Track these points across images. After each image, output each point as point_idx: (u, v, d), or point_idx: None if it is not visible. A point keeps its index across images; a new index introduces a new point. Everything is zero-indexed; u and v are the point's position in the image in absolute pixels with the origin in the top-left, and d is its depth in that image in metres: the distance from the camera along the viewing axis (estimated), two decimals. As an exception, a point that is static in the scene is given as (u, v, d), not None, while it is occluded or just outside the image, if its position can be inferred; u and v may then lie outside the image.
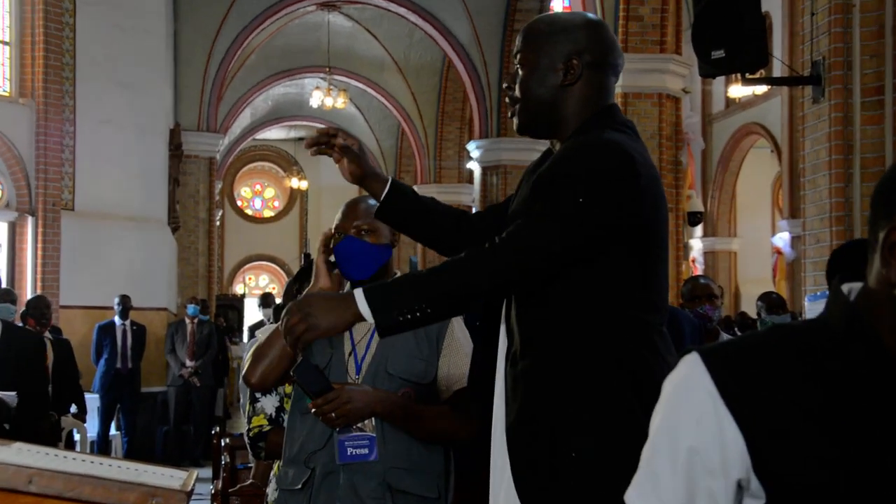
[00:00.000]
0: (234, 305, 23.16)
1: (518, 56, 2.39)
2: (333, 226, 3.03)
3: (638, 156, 2.20)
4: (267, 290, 31.87)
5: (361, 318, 2.18)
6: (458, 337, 3.00)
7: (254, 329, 12.30)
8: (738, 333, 6.27)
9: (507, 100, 2.44)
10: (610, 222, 2.16)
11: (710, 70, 6.96)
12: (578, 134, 2.30)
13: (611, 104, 2.38)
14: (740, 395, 1.27)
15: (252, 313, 25.30)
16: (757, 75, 9.19)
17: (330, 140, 2.60)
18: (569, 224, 2.14)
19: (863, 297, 1.31)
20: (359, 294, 2.18)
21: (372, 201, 3.11)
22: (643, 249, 2.23)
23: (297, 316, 2.21)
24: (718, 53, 6.75)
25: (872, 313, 1.28)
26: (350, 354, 2.96)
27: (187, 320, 12.44)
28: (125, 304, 11.63)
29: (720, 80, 18.33)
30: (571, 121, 2.34)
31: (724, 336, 5.74)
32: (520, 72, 2.37)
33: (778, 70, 16.83)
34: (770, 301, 6.95)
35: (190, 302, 12.55)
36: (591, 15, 2.45)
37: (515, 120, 2.41)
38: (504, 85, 2.44)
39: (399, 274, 3.10)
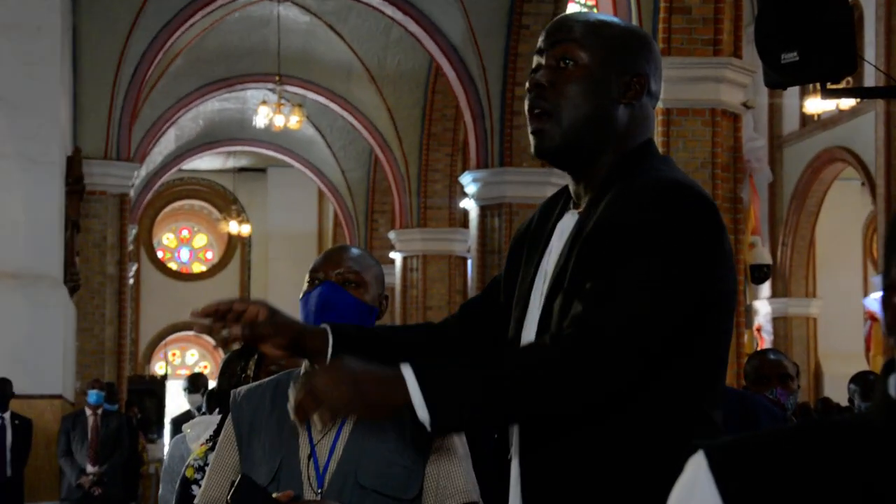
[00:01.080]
0: (153, 390, 23.02)
1: (561, 49, 2.38)
2: (309, 271, 3.03)
3: (714, 203, 2.29)
4: (196, 370, 31.73)
5: (400, 411, 2.21)
6: (451, 437, 2.97)
7: (178, 422, 12.17)
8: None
9: (531, 106, 2.40)
10: (706, 292, 2.23)
11: (779, 78, 6.98)
12: (622, 169, 2.34)
13: (649, 139, 2.44)
14: None
15: (176, 400, 25.14)
16: (842, 85, 9.22)
17: (223, 316, 2.39)
18: (663, 297, 2.18)
19: None
20: (409, 374, 2.17)
21: (367, 256, 3.13)
22: (721, 325, 2.30)
23: (340, 388, 2.18)
24: (790, 56, 6.77)
25: None
26: (309, 459, 2.94)
27: (88, 411, 12.34)
28: (4, 392, 11.52)
29: (793, 91, 18.44)
30: (612, 150, 2.38)
31: None
32: (562, 72, 2.38)
33: (871, 78, 16.97)
34: (867, 384, 6.94)
35: (92, 387, 12.47)
36: (642, 30, 2.59)
37: (536, 139, 2.39)
38: (532, 84, 2.40)
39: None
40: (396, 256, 21.37)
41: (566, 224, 2.39)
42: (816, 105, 18.39)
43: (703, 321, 2.23)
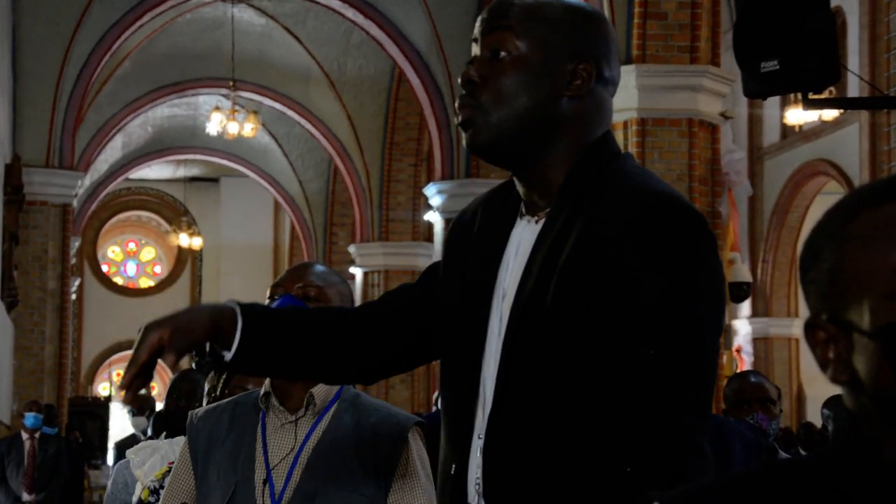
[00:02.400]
0: (96, 413, 22.91)
1: (494, 38, 2.25)
2: (270, 286, 3.06)
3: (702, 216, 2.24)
4: (142, 392, 31.60)
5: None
6: (414, 465, 2.98)
7: (123, 447, 12.10)
8: (802, 453, 6.26)
9: (460, 104, 2.28)
10: (720, 320, 2.20)
11: (759, 88, 7.02)
12: (587, 174, 2.23)
13: (605, 133, 2.31)
14: None
15: (121, 424, 24.99)
16: (824, 95, 9.28)
17: (144, 373, 2.26)
18: (694, 351, 2.13)
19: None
20: None
21: (328, 271, 3.14)
22: (717, 335, 2.25)
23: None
24: (771, 65, 6.81)
25: (865, 430, 1.35)
26: (265, 484, 2.95)
27: (25, 435, 12.27)
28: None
29: (773, 101, 18.55)
30: (564, 149, 2.25)
31: (783, 456, 5.71)
32: (495, 63, 2.24)
33: (854, 87, 17.08)
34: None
35: (29, 409, 12.39)
36: (591, 6, 2.38)
37: (470, 133, 2.26)
38: (463, 79, 2.26)
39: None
40: (357, 272, 21.34)
41: (522, 235, 2.25)
42: (798, 116, 18.50)
43: (710, 326, 2.20)
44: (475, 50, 2.28)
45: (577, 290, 2.13)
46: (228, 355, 2.31)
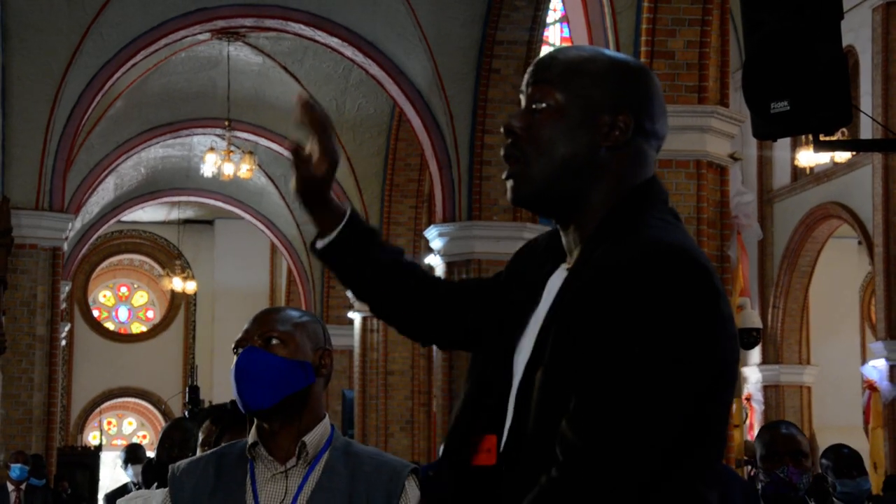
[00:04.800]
0: (85, 462, 22.84)
1: (536, 90, 2.35)
2: (235, 340, 3.06)
3: (710, 265, 2.21)
4: (134, 441, 31.48)
5: None
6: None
7: (113, 497, 12.05)
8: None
9: (505, 154, 2.37)
10: (711, 371, 2.16)
11: (769, 129, 7.03)
12: (613, 224, 2.27)
13: (651, 178, 2.37)
14: None
15: (111, 473, 24.90)
16: (836, 136, 9.30)
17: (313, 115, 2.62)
18: (661, 399, 2.11)
19: None
20: None
21: (294, 312, 3.13)
22: (723, 399, 2.23)
23: None
24: (781, 106, 6.82)
25: None
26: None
27: (10, 487, 12.22)
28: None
29: (784, 143, 18.60)
30: (600, 199, 2.31)
31: None
32: (536, 115, 2.33)
33: (867, 129, 17.12)
34: (840, 459, 6.92)
35: (14, 460, 12.34)
36: (637, 61, 2.46)
37: (512, 183, 2.36)
38: (506, 129, 2.36)
39: (327, 416, 3.09)
40: (355, 316, 21.33)
41: (555, 282, 2.33)
42: (809, 158, 18.55)
43: (707, 399, 2.17)
44: (522, 102, 2.38)
45: (565, 341, 2.18)
46: (325, 241, 2.67)
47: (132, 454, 13.46)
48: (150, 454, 11.12)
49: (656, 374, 2.10)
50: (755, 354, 20.87)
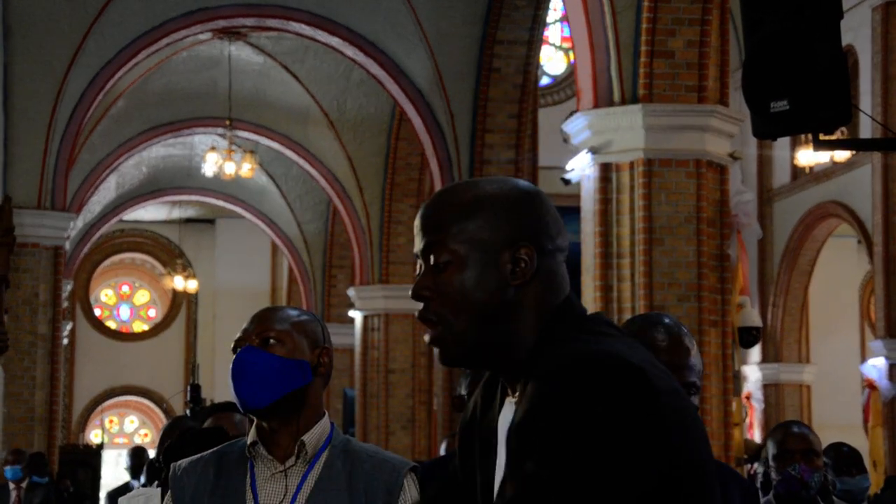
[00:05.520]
0: (87, 461, 22.79)
1: (430, 249, 2.31)
2: (234, 340, 3.08)
3: (649, 366, 2.14)
4: (137, 441, 31.51)
5: None
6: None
7: (115, 496, 12.04)
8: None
9: (421, 315, 2.32)
10: (643, 483, 2.08)
11: (768, 128, 7.03)
12: (540, 351, 2.23)
13: (566, 297, 2.32)
14: None
15: (113, 471, 24.92)
16: (836, 135, 9.30)
17: None
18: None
19: None
20: None
21: (293, 311, 3.13)
22: (698, 498, 2.16)
23: None
24: (781, 105, 6.82)
25: None
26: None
27: (12, 486, 12.21)
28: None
29: (784, 142, 18.60)
30: (524, 336, 2.27)
31: None
32: (440, 273, 2.29)
33: (867, 128, 17.12)
34: (840, 457, 6.93)
35: (10, 461, 12.29)
36: (522, 182, 2.40)
37: (439, 348, 2.30)
38: (414, 294, 2.32)
39: (326, 414, 3.09)
40: (356, 315, 21.33)
41: (506, 417, 2.28)
42: (809, 157, 18.55)
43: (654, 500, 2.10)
44: (419, 265, 2.35)
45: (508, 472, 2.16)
46: None
47: (138, 457, 13.45)
48: (152, 453, 11.12)
49: (585, 485, 2.05)
50: (755, 353, 20.87)
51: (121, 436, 33.16)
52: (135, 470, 12.58)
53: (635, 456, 2.06)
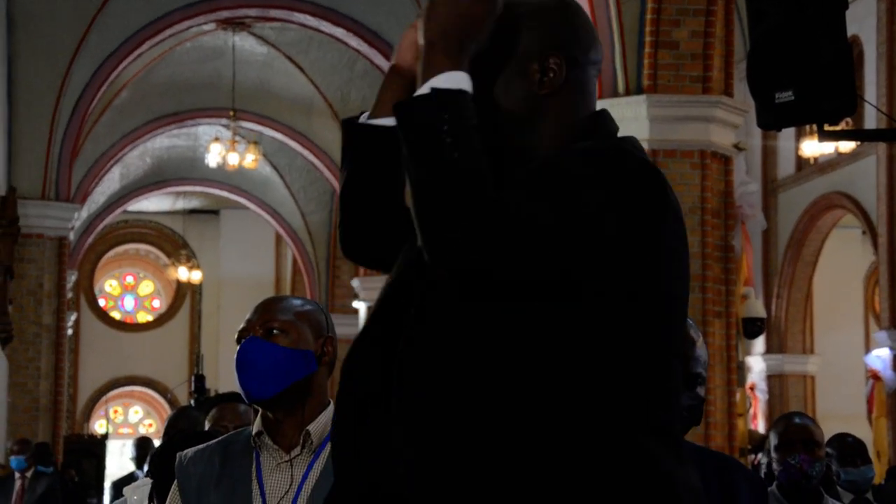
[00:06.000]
0: (92, 451, 22.82)
1: None
2: (238, 331, 3.09)
3: (665, 179, 2.17)
4: (141, 431, 31.54)
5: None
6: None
7: (120, 485, 12.05)
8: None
9: None
10: (623, 258, 2.09)
11: (773, 119, 7.02)
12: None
13: (597, 111, 2.35)
14: None
15: (117, 461, 24.93)
16: (841, 126, 9.28)
17: None
18: (563, 222, 2.05)
19: None
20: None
21: (296, 301, 3.12)
22: (662, 329, 2.14)
23: None
24: (785, 96, 6.81)
25: None
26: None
27: (16, 476, 12.22)
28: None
29: (788, 133, 18.58)
30: (551, 142, 2.27)
31: (830, 501, 5.68)
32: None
33: (871, 119, 17.09)
34: (844, 448, 6.93)
35: (15, 451, 12.29)
36: None
37: None
38: None
39: (331, 403, 3.09)
40: (360, 306, 21.35)
41: None
42: (813, 148, 18.50)
43: (634, 301, 2.09)
44: None
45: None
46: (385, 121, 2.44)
47: (143, 447, 13.47)
48: (157, 442, 11.12)
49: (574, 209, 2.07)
50: (759, 344, 20.85)
51: (125, 426, 33.18)
52: (140, 460, 12.63)
53: (637, 234, 2.09)
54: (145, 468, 10.23)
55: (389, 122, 2.40)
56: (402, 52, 2.46)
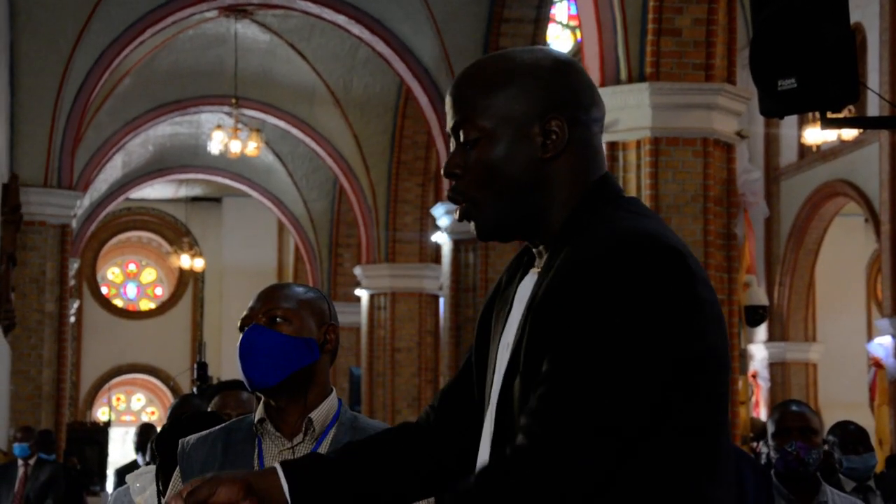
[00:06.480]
0: (95, 438, 22.88)
1: (461, 126, 2.26)
2: (240, 319, 3.09)
3: (685, 249, 2.14)
4: (144, 419, 31.57)
5: None
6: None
7: (123, 473, 12.06)
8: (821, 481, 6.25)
9: (451, 195, 2.31)
10: (683, 354, 2.08)
11: (775, 106, 7.01)
12: (576, 223, 2.21)
13: (604, 174, 2.29)
14: None
15: (120, 449, 24.98)
16: (843, 114, 9.27)
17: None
18: (620, 387, 2.04)
19: None
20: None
21: (299, 288, 3.13)
22: (712, 387, 2.15)
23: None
24: (788, 83, 6.80)
25: None
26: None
27: (19, 463, 12.24)
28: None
29: (791, 120, 18.56)
30: (559, 207, 2.25)
31: (829, 490, 5.69)
32: (470, 150, 2.25)
33: (874, 106, 17.07)
34: (846, 435, 6.93)
35: (18, 438, 12.30)
36: (555, 51, 2.35)
37: (474, 226, 2.30)
38: (445, 172, 2.29)
39: (334, 391, 3.09)
40: (363, 294, 21.35)
41: (526, 287, 2.27)
42: (816, 135, 18.49)
43: (685, 386, 2.09)
44: (452, 142, 2.31)
45: (538, 340, 2.12)
46: None
47: (146, 434, 13.48)
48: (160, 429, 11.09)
49: (622, 359, 2.03)
50: (761, 332, 20.87)
51: (128, 413, 33.24)
52: (142, 446, 12.60)
53: (668, 338, 2.06)
54: (147, 456, 10.26)
55: None
56: None
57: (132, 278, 34.20)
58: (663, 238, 2.12)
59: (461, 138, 2.27)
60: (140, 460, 12.96)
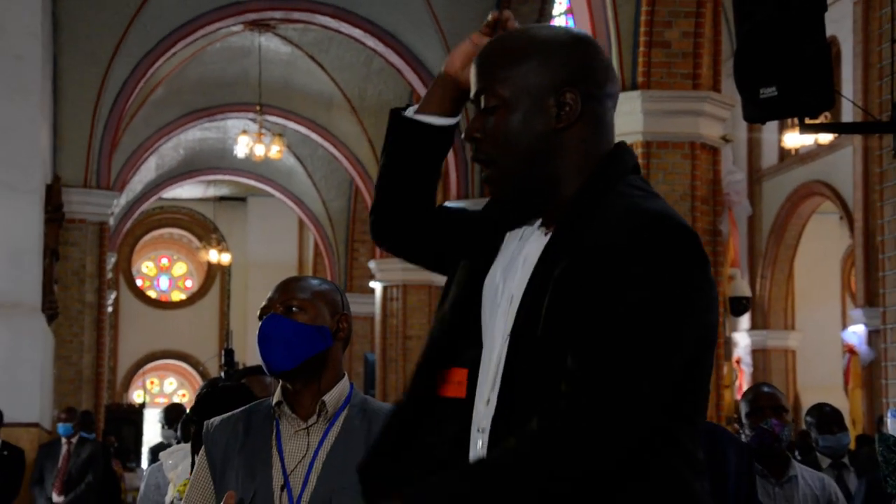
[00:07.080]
0: (131, 418, 22.95)
1: (482, 93, 2.28)
2: (260, 308, 3.09)
3: (694, 230, 2.17)
4: (175, 400, 31.61)
5: None
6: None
7: (156, 451, 12.07)
8: (799, 460, 6.24)
9: (474, 156, 2.31)
10: (699, 341, 2.12)
11: (757, 113, 7.00)
12: (587, 197, 2.21)
13: (618, 144, 2.31)
14: None
15: (154, 429, 25.01)
16: (820, 119, 9.26)
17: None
18: (667, 339, 2.07)
19: None
20: None
21: (314, 281, 3.12)
22: (708, 359, 2.19)
23: None
24: (769, 91, 6.79)
25: None
26: (283, 489, 2.95)
27: (63, 441, 12.25)
28: (-6, 420, 11.38)
29: (772, 125, 18.53)
30: (570, 178, 2.25)
31: (797, 465, 5.69)
32: (490, 115, 2.26)
33: (848, 113, 17.04)
34: (822, 416, 6.94)
35: (62, 418, 12.31)
36: (575, 29, 2.37)
37: (491, 189, 2.30)
38: (466, 136, 2.31)
39: (346, 376, 3.08)
40: (377, 286, 21.34)
41: (533, 247, 2.26)
42: (795, 139, 18.47)
43: (695, 358, 2.13)
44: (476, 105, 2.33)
45: (567, 303, 2.12)
46: (432, 119, 2.58)
47: (173, 414, 13.46)
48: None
49: (658, 326, 2.05)
50: (744, 321, 20.85)
51: (161, 396, 33.26)
52: (171, 423, 12.51)
53: (695, 309, 2.11)
54: (178, 432, 10.24)
55: (434, 120, 2.51)
56: (452, 60, 2.48)
57: (164, 271, 34.23)
58: (679, 219, 2.15)
59: (482, 105, 2.28)
60: (161, 434, 12.96)
